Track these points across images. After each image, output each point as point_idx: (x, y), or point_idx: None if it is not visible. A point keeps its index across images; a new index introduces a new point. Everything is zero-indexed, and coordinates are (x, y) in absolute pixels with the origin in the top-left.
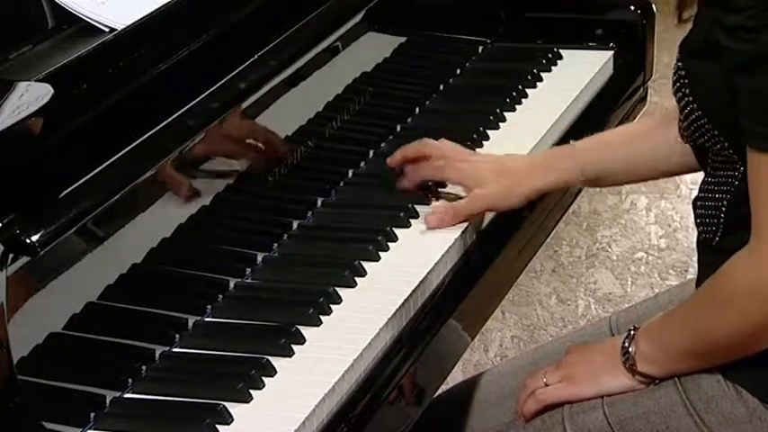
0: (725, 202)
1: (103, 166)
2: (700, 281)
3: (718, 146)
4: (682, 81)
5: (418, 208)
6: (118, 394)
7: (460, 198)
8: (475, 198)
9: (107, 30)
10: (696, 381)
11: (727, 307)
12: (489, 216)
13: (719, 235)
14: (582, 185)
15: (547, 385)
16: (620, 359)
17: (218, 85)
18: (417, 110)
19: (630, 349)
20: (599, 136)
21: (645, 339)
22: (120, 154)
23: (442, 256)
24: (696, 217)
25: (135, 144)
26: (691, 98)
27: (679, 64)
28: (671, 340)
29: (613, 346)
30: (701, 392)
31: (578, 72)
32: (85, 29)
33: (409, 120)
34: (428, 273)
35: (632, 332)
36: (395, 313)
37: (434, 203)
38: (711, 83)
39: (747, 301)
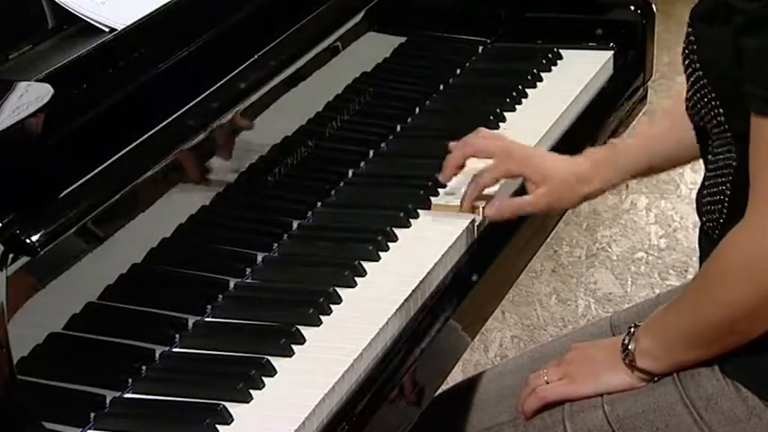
0: (727, 187)
1: (103, 166)
2: None
3: (719, 127)
4: (691, 47)
5: (418, 208)
6: (118, 394)
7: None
8: (538, 197)
9: (107, 30)
10: (696, 379)
11: (721, 284)
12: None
13: (722, 223)
14: (629, 180)
15: (548, 383)
16: (620, 356)
17: (218, 85)
18: (417, 110)
19: (630, 346)
20: (643, 130)
21: (645, 335)
22: (120, 154)
23: (442, 256)
24: (701, 206)
25: (135, 144)
26: (698, 65)
27: (689, 29)
28: (669, 331)
29: (614, 343)
30: (701, 391)
31: (578, 72)
32: (85, 29)
33: (409, 120)
34: (428, 273)
35: (632, 329)
36: (395, 313)
37: (487, 190)
38: (719, 48)
39: (740, 276)
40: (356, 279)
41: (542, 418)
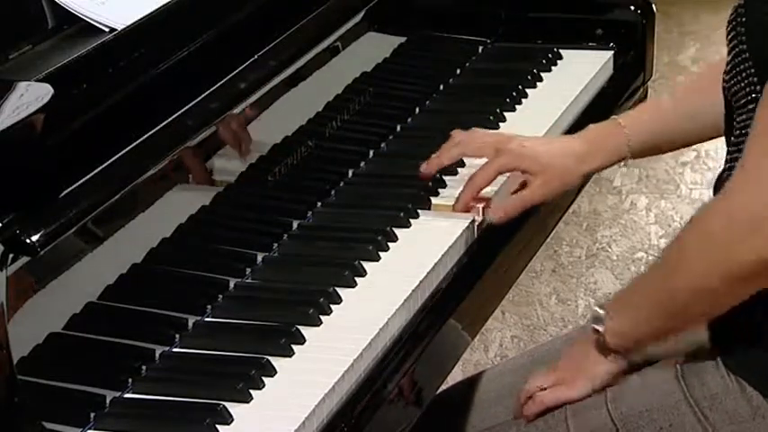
0: None
1: (103, 166)
2: None
3: (753, 103)
4: (738, 19)
5: (418, 208)
6: (118, 394)
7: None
8: (537, 188)
9: (107, 30)
10: (700, 377)
11: (698, 250)
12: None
13: None
14: (632, 158)
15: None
16: (595, 344)
17: (218, 85)
18: (417, 110)
19: (600, 329)
20: (653, 104)
21: (612, 311)
22: (120, 154)
23: (442, 256)
24: (721, 187)
25: (135, 144)
26: (744, 37)
27: (740, 1)
28: (635, 302)
29: (588, 335)
30: (706, 390)
31: (578, 72)
32: (85, 29)
33: (409, 120)
34: (428, 273)
35: (599, 310)
36: (395, 313)
37: (488, 189)
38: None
39: (720, 237)
40: (356, 279)
41: (545, 419)
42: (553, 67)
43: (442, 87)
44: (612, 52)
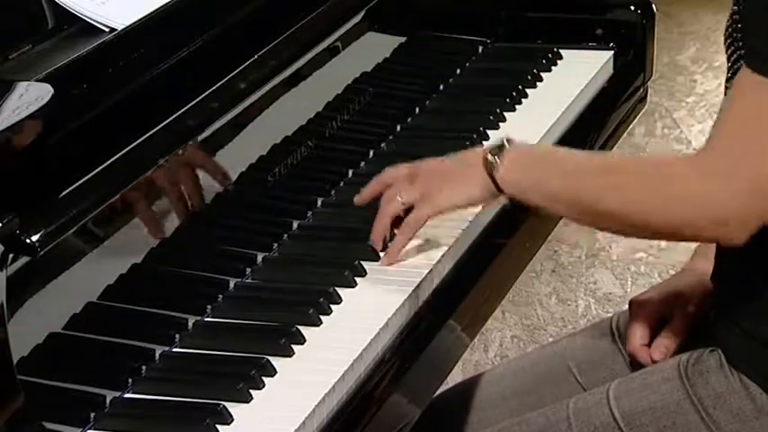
0: None
1: (103, 166)
2: (717, 270)
3: None
4: (735, 26)
5: None
6: (118, 394)
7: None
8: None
9: (107, 30)
10: (704, 376)
11: (640, 185)
12: (490, 216)
13: None
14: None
15: (404, 204)
16: (481, 171)
17: (219, 85)
18: (417, 110)
19: (497, 162)
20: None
21: (518, 161)
22: (120, 154)
23: (442, 255)
24: None
25: (135, 144)
26: (741, 43)
27: (735, 8)
28: (549, 179)
29: (472, 158)
30: (709, 388)
31: (578, 72)
32: (85, 29)
33: (409, 120)
34: (428, 273)
35: (507, 144)
36: (395, 313)
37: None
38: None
39: (665, 190)
40: (356, 279)
41: (546, 416)
42: (553, 67)
43: (442, 87)
44: (612, 52)
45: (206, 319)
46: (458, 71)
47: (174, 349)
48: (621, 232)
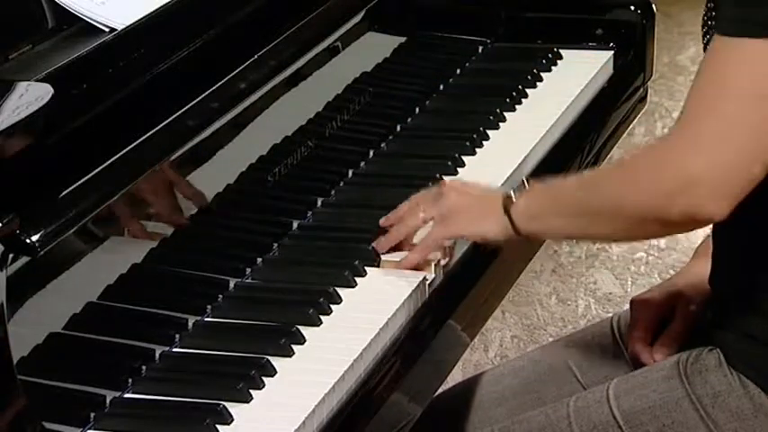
0: None
1: (103, 166)
2: (715, 270)
3: None
4: (710, 14)
5: None
6: (118, 394)
7: None
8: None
9: (107, 30)
10: (703, 375)
11: (625, 173)
12: None
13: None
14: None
15: (424, 221)
16: (499, 207)
17: (218, 85)
18: (417, 110)
19: (514, 198)
20: None
21: (529, 195)
22: (120, 154)
23: (443, 255)
24: None
25: (135, 144)
26: (714, 30)
27: (709, 4)
28: (556, 197)
29: (495, 197)
30: (708, 387)
31: (578, 72)
32: (85, 29)
33: (409, 120)
34: (428, 273)
35: (525, 184)
36: (394, 313)
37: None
38: None
39: (643, 174)
40: (356, 279)
41: (546, 415)
42: (553, 67)
43: (442, 87)
44: (612, 52)
45: (206, 319)
46: (458, 71)
47: (174, 349)
48: (613, 232)
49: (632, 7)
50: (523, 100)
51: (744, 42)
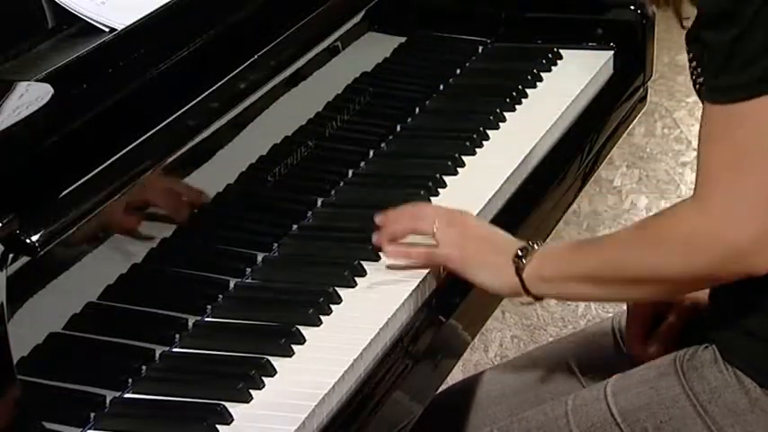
0: None
1: (103, 166)
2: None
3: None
4: (696, 72)
5: None
6: (118, 394)
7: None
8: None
9: (107, 30)
10: (699, 371)
11: (656, 247)
12: (489, 216)
13: None
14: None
15: (434, 239)
16: (510, 263)
17: (218, 85)
18: (417, 110)
19: (524, 261)
20: None
21: (543, 260)
22: (120, 154)
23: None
24: None
25: (135, 144)
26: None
27: (689, 54)
28: (575, 263)
29: (508, 249)
30: (705, 383)
31: (578, 72)
32: (85, 29)
33: (409, 120)
34: (428, 273)
35: (530, 247)
36: (395, 313)
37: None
38: None
39: (679, 247)
40: (356, 279)
41: (545, 412)
42: (553, 67)
43: (442, 87)
44: (612, 52)
45: (206, 319)
46: (458, 71)
47: (174, 349)
48: (652, 295)
49: (632, 7)
50: (523, 100)
51: (741, 106)
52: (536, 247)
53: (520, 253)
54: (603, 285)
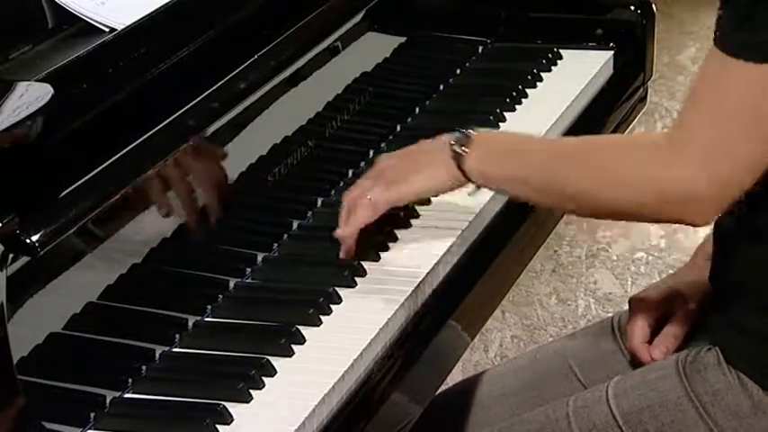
0: None
1: (103, 166)
2: (714, 268)
3: None
4: (718, 20)
5: (419, 208)
6: (118, 394)
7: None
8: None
9: (107, 30)
10: (702, 374)
11: (612, 184)
12: (489, 216)
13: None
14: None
15: (370, 199)
16: (448, 154)
17: (218, 85)
18: (417, 110)
19: (464, 153)
20: None
21: (485, 153)
22: (120, 154)
23: (443, 255)
24: None
25: (135, 144)
26: None
27: (720, 11)
28: (519, 168)
29: (441, 144)
30: (707, 386)
31: (578, 72)
32: (85, 29)
33: (409, 120)
34: (428, 273)
35: (464, 135)
36: (395, 313)
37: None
38: None
39: (636, 188)
40: (356, 279)
41: (546, 414)
42: (553, 67)
43: (442, 87)
44: (612, 52)
45: (206, 319)
46: (458, 71)
47: (174, 349)
48: (582, 213)
49: (632, 7)
50: (523, 100)
51: (747, 65)
52: (471, 133)
53: (454, 142)
54: (545, 195)
